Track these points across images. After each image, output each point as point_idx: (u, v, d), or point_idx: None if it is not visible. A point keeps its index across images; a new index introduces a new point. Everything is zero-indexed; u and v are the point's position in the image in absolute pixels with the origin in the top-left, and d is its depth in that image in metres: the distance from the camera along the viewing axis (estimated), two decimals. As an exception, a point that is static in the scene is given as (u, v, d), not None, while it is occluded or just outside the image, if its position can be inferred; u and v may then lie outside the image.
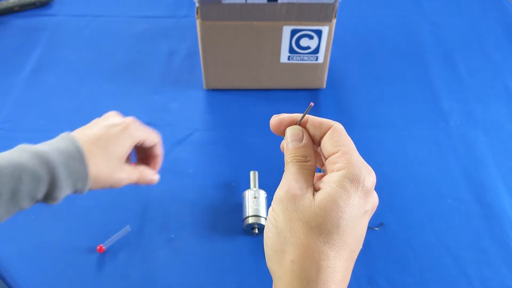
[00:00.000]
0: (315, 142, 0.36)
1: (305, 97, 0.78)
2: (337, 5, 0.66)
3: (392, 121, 0.75)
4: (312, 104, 0.36)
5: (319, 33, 0.69)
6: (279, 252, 0.31)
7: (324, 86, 0.79)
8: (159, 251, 0.59)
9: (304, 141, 0.36)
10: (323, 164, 0.38)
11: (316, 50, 0.72)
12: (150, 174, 0.55)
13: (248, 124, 0.74)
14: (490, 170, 0.68)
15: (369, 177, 0.33)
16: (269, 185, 0.65)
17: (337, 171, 0.32)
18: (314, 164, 0.35)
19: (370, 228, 0.61)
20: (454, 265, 0.58)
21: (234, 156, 0.70)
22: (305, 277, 0.29)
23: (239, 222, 0.61)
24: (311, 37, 0.70)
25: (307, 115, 0.37)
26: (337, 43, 0.75)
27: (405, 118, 0.76)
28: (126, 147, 0.50)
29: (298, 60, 0.74)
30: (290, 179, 0.34)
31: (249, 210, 0.59)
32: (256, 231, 0.59)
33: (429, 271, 0.58)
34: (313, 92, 0.79)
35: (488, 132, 0.74)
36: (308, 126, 0.37)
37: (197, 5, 0.66)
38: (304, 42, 0.71)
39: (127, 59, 0.85)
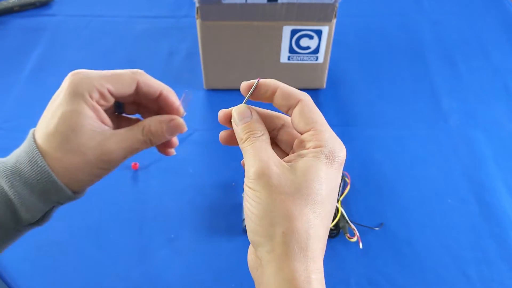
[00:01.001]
0: (283, 111, 0.37)
1: (305, 97, 0.78)
2: (337, 5, 0.66)
3: (392, 121, 0.75)
4: (259, 79, 0.37)
5: (319, 33, 0.69)
6: (268, 225, 0.31)
7: (324, 86, 0.79)
8: (159, 251, 0.59)
9: (253, 116, 0.37)
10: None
11: (316, 50, 0.72)
12: (163, 123, 0.39)
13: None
14: (490, 170, 0.68)
15: (342, 152, 0.34)
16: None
17: (314, 148, 0.33)
18: (268, 136, 0.36)
19: (370, 228, 0.61)
20: (454, 265, 0.58)
21: (234, 156, 0.70)
22: (297, 246, 0.31)
23: (239, 222, 0.61)
24: (311, 37, 0.70)
25: (270, 84, 0.37)
26: (337, 43, 0.75)
27: (405, 118, 0.76)
28: (84, 110, 0.38)
29: (298, 60, 0.74)
30: (259, 155, 0.34)
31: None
32: (256, 231, 0.59)
33: (429, 271, 0.58)
34: (313, 92, 0.79)
35: (488, 131, 0.74)
36: (276, 95, 0.36)
37: (197, 5, 0.66)
38: (304, 42, 0.71)
39: (127, 59, 0.85)
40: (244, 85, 0.38)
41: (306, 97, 0.35)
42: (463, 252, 0.60)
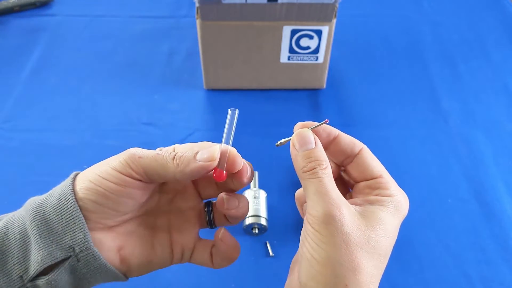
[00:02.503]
0: (338, 160, 0.35)
1: (305, 97, 0.78)
2: (337, 5, 0.66)
3: (392, 121, 0.75)
4: (327, 120, 0.34)
5: (319, 33, 0.69)
6: (330, 275, 0.29)
7: (324, 86, 0.79)
8: (159, 251, 0.59)
9: (317, 144, 0.33)
10: None
11: (316, 50, 0.72)
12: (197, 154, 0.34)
13: (248, 124, 0.74)
14: (490, 170, 0.68)
15: (407, 205, 0.33)
16: (269, 185, 0.65)
17: (383, 196, 0.32)
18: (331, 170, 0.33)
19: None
20: (454, 264, 0.58)
21: (234, 156, 0.70)
22: None
23: (239, 222, 0.61)
24: (311, 37, 0.70)
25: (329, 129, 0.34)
26: (337, 43, 0.75)
27: (405, 118, 0.76)
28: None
29: (298, 60, 0.74)
30: (329, 194, 0.30)
31: (249, 210, 0.59)
32: (256, 231, 0.59)
33: (429, 271, 0.58)
34: (313, 92, 0.79)
35: (488, 131, 0.74)
36: (338, 141, 0.34)
37: (197, 5, 0.66)
38: (304, 42, 0.71)
39: (127, 59, 0.85)
40: (299, 125, 0.34)
41: (365, 146, 0.35)
42: (463, 252, 0.60)
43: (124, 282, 0.56)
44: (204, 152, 0.33)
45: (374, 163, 0.34)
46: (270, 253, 0.59)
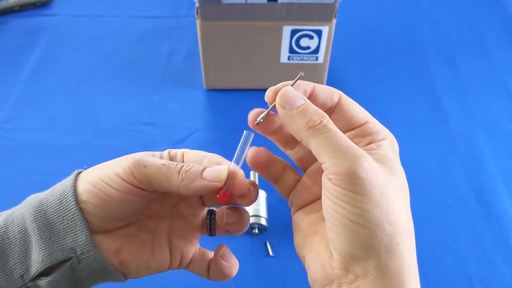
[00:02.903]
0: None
1: (305, 97, 0.78)
2: (337, 5, 0.66)
3: (392, 121, 0.75)
4: (303, 73, 0.31)
5: (319, 33, 0.69)
6: (381, 237, 0.26)
7: (324, 86, 0.79)
8: (159, 251, 0.59)
9: (307, 99, 0.30)
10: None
11: (316, 50, 0.72)
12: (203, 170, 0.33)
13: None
14: (490, 169, 0.68)
15: (395, 139, 0.33)
16: (269, 185, 0.65)
17: (378, 141, 0.31)
18: None
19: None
20: (454, 264, 0.58)
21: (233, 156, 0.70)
22: (410, 256, 0.28)
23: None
24: (311, 37, 0.70)
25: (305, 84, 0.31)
26: (337, 43, 0.75)
27: (405, 118, 0.76)
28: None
29: (298, 60, 0.74)
30: (349, 144, 0.27)
31: (249, 210, 0.59)
32: (256, 231, 0.59)
33: (429, 271, 0.58)
34: (313, 92, 0.79)
35: (488, 131, 0.74)
36: (317, 93, 0.31)
37: (197, 5, 0.66)
38: (304, 42, 0.71)
39: (127, 59, 0.85)
40: (270, 90, 0.31)
41: (342, 93, 0.33)
42: (463, 252, 0.60)
43: (125, 282, 0.56)
44: (211, 171, 0.32)
45: (356, 109, 0.32)
46: (270, 253, 0.59)
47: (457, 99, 0.79)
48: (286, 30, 0.69)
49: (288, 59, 0.74)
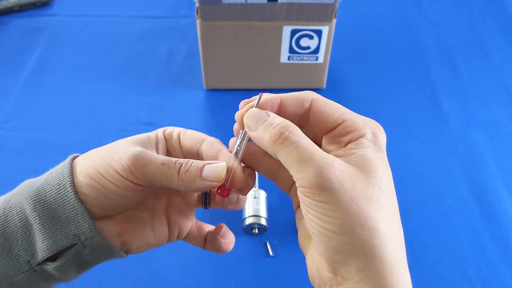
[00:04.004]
0: (296, 121, 0.31)
1: (305, 97, 0.78)
2: (337, 5, 0.66)
3: (392, 121, 0.75)
4: (261, 94, 0.32)
5: (319, 33, 0.69)
6: (354, 242, 0.27)
7: (324, 86, 0.79)
8: (159, 250, 0.59)
9: (271, 114, 0.30)
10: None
11: (316, 50, 0.72)
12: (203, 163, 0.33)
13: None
14: (490, 170, 0.68)
15: (382, 130, 0.31)
16: (269, 185, 0.65)
17: (357, 138, 0.29)
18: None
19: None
20: (454, 265, 0.58)
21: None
22: (391, 256, 0.28)
23: (239, 222, 0.61)
24: (311, 37, 0.70)
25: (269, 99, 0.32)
26: (337, 43, 0.75)
27: (405, 118, 0.76)
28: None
29: (298, 60, 0.74)
30: (312, 152, 0.27)
31: (249, 210, 0.59)
32: (256, 231, 0.59)
33: (429, 271, 0.58)
34: (313, 92, 0.79)
35: (488, 132, 0.74)
36: (285, 104, 0.31)
37: (197, 5, 0.66)
38: (304, 42, 0.71)
39: (127, 59, 0.85)
40: (242, 104, 0.33)
41: (316, 95, 0.32)
42: (463, 252, 0.60)
43: (125, 281, 0.56)
44: (211, 171, 0.32)
45: (331, 110, 0.31)
46: (270, 253, 0.59)
47: (457, 99, 0.79)
48: (286, 30, 0.69)
49: (288, 59, 0.73)
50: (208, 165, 0.33)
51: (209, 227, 0.41)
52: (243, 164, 0.34)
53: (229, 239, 0.40)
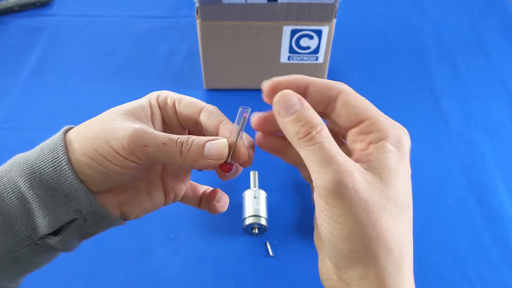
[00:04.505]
0: (320, 110, 0.30)
1: (305, 97, 0.78)
2: (337, 5, 0.66)
3: (392, 121, 0.75)
4: (246, 115, 0.32)
5: (319, 33, 0.69)
6: (359, 250, 0.27)
7: (324, 86, 0.79)
8: (159, 251, 0.59)
9: (304, 104, 0.29)
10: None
11: (316, 50, 0.72)
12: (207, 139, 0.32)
13: (248, 124, 0.74)
14: (490, 170, 0.68)
15: (407, 136, 0.30)
16: (269, 185, 0.65)
17: (379, 140, 0.29)
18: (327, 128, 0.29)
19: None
20: (454, 265, 0.58)
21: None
22: (394, 268, 0.27)
23: (239, 222, 0.61)
24: (311, 37, 0.70)
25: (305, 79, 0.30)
26: (337, 43, 0.75)
27: (405, 118, 0.75)
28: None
29: (298, 60, 0.74)
30: (333, 158, 0.27)
31: (249, 210, 0.59)
32: (256, 231, 0.59)
33: (429, 271, 0.58)
34: (313, 92, 0.79)
35: (488, 132, 0.74)
36: (311, 91, 0.30)
37: (197, 5, 0.66)
38: (304, 42, 0.71)
39: (127, 59, 0.85)
40: (268, 89, 0.31)
41: (345, 86, 0.31)
42: (463, 252, 0.60)
43: (123, 281, 0.56)
44: (213, 148, 0.32)
45: (356, 104, 0.30)
46: (270, 253, 0.59)
47: (457, 99, 0.79)
48: (286, 30, 0.69)
49: (288, 59, 0.73)
50: (209, 142, 0.32)
51: (203, 188, 0.41)
52: (244, 137, 0.34)
53: (223, 202, 0.40)
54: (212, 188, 0.41)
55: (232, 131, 0.33)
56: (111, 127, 0.32)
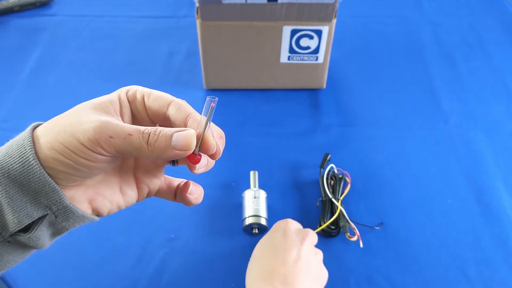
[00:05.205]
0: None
1: (305, 97, 0.78)
2: (337, 5, 0.66)
3: (392, 121, 0.75)
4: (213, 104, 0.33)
5: (319, 33, 0.69)
6: None
7: (324, 86, 0.79)
8: (159, 251, 0.59)
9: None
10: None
11: (316, 50, 0.72)
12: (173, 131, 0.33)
13: (248, 124, 0.74)
14: (490, 170, 0.68)
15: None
16: (269, 185, 0.65)
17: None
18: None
19: (370, 227, 0.61)
20: (454, 265, 0.58)
21: (234, 156, 0.70)
22: None
23: (239, 222, 0.61)
24: (311, 37, 0.70)
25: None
26: (337, 43, 0.75)
27: (405, 118, 0.76)
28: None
29: (298, 60, 0.74)
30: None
31: (249, 210, 0.59)
32: (256, 231, 0.59)
33: (429, 271, 0.58)
34: (313, 92, 0.79)
35: (488, 132, 0.74)
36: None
37: (197, 5, 0.66)
38: (304, 42, 0.71)
39: (127, 59, 0.85)
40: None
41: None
42: (463, 252, 0.60)
43: (124, 281, 0.56)
44: (180, 139, 0.32)
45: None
46: (270, 253, 0.59)
47: (457, 99, 0.79)
48: (286, 30, 0.69)
49: (288, 59, 0.74)
50: (177, 133, 0.32)
51: (178, 181, 0.41)
52: (214, 129, 0.35)
53: (197, 194, 0.40)
54: (185, 181, 0.41)
55: (199, 124, 0.33)
56: (78, 120, 0.32)
